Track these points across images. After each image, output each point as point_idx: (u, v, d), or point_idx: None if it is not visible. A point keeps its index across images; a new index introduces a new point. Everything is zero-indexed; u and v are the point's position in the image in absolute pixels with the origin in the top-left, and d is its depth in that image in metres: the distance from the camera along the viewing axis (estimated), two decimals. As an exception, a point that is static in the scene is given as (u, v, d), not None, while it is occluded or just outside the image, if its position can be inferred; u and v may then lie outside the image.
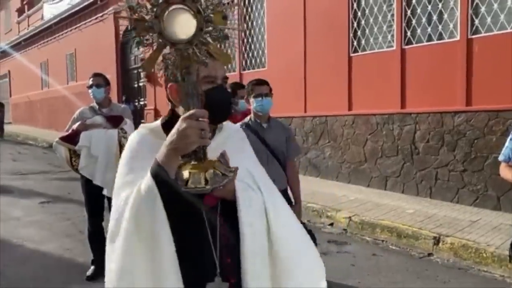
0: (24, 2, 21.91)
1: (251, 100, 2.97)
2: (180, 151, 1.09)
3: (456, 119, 5.73)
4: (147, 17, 1.05)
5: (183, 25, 1.05)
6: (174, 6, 1.04)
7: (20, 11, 22.38)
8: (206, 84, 1.22)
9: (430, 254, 4.36)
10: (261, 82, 3.04)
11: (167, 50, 1.09)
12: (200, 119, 1.07)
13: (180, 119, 1.08)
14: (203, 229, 1.21)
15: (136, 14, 1.06)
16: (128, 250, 1.13)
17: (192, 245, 1.21)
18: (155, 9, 1.04)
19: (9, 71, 24.09)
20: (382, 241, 4.76)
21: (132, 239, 1.13)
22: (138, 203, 1.12)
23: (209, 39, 1.08)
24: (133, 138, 1.31)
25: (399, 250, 4.51)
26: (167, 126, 1.23)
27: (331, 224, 5.36)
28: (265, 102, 2.94)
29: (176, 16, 1.04)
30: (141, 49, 1.09)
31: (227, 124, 1.38)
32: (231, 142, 1.34)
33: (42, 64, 19.71)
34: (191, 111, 1.07)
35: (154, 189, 1.10)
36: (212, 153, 1.18)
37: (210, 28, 1.07)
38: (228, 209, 1.21)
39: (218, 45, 1.13)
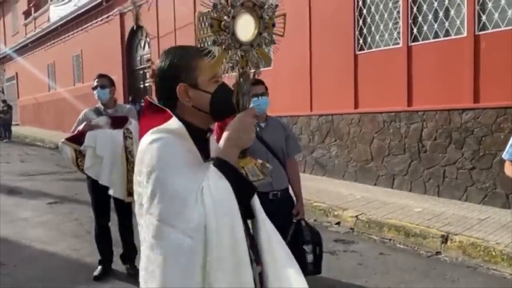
0: (31, 5, 22.07)
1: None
2: (240, 148, 1.15)
3: (464, 116, 5.67)
4: (225, 18, 1.09)
5: (248, 28, 1.13)
6: (244, 10, 1.11)
7: (27, 14, 22.56)
8: (214, 84, 1.24)
9: (438, 253, 4.32)
10: (256, 82, 3.03)
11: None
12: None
13: (241, 116, 1.14)
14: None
15: (217, 14, 1.10)
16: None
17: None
18: (232, 10, 1.09)
19: (16, 73, 24.31)
20: (390, 240, 4.73)
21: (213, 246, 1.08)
22: (215, 207, 1.07)
23: (263, 43, 1.17)
24: (168, 145, 1.14)
25: (407, 249, 4.48)
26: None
27: (338, 223, 5.33)
28: (261, 102, 2.93)
29: (244, 19, 1.12)
30: (217, 48, 1.13)
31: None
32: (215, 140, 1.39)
33: (48, 65, 19.86)
34: (251, 109, 1.15)
35: (229, 188, 1.09)
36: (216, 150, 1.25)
37: (266, 34, 1.16)
38: None
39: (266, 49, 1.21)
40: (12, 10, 25.14)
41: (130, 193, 3.58)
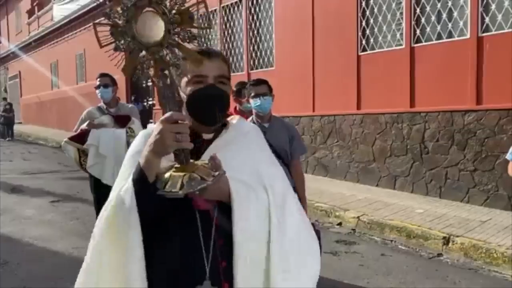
0: (34, 4, 22.14)
1: (251, 100, 2.96)
2: (158, 154, 1.08)
3: (466, 118, 5.67)
4: (120, 22, 1.05)
5: (153, 28, 1.05)
6: (143, 10, 1.04)
7: (30, 13, 22.62)
8: (195, 84, 1.21)
9: (439, 255, 4.32)
10: (258, 82, 3.03)
11: (143, 53, 1.08)
12: (180, 121, 1.05)
13: (159, 122, 1.06)
14: (195, 232, 1.19)
15: (111, 20, 1.06)
16: (97, 250, 1.18)
17: (182, 248, 1.20)
18: (126, 14, 1.04)
19: (19, 72, 24.38)
20: (391, 241, 4.73)
21: (104, 240, 1.16)
22: (116, 203, 1.14)
23: (179, 41, 1.07)
24: (139, 136, 1.32)
25: (408, 250, 4.48)
26: None
27: (340, 224, 5.34)
28: (263, 102, 2.92)
29: (146, 20, 1.05)
30: (121, 54, 1.09)
31: (237, 123, 1.35)
32: (239, 141, 1.30)
33: (52, 64, 19.91)
34: (167, 114, 1.06)
35: (131, 191, 1.11)
36: (222, 152, 1.17)
37: (178, 30, 1.06)
38: (227, 211, 1.17)
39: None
40: (15, 9, 25.22)
41: None
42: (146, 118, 12.36)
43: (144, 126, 1.42)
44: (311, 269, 1.28)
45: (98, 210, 3.73)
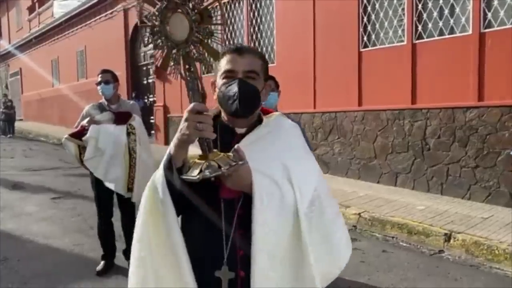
0: (35, 0, 22.10)
1: None
2: (182, 142, 1.16)
3: (468, 114, 5.65)
4: (156, 23, 1.17)
5: (180, 27, 1.17)
6: (173, 11, 1.17)
7: (31, 9, 22.60)
8: (226, 79, 1.29)
9: (441, 251, 4.32)
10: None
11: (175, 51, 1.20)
12: (205, 113, 1.14)
13: (185, 112, 1.14)
14: (216, 221, 1.26)
15: (150, 22, 1.18)
16: (142, 237, 1.26)
17: (205, 233, 1.28)
18: (159, 15, 1.16)
19: (20, 69, 24.37)
20: (392, 237, 4.72)
21: (145, 227, 1.26)
22: (151, 187, 1.24)
23: (201, 37, 1.18)
24: None
25: (410, 247, 4.48)
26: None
27: (341, 221, 5.32)
28: (269, 98, 2.91)
29: (175, 20, 1.17)
30: (159, 51, 1.20)
31: (273, 120, 1.40)
32: (272, 137, 1.35)
33: (52, 61, 19.90)
34: (190, 105, 1.14)
35: (162, 176, 1.21)
36: (250, 146, 1.26)
37: (199, 27, 1.17)
38: (250, 202, 1.22)
39: (210, 42, 1.23)
40: (16, 6, 25.19)
41: (130, 188, 3.59)
42: (147, 115, 12.35)
43: (145, 123, 1.48)
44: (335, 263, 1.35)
45: (98, 206, 3.74)
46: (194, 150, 1.19)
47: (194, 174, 1.13)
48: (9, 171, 8.77)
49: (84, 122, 3.59)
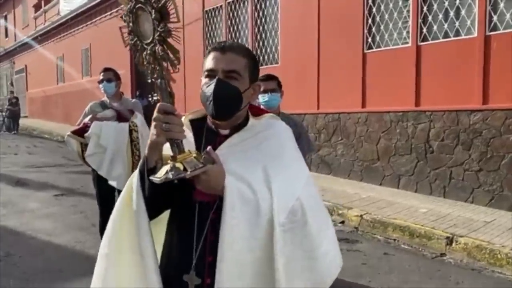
0: (41, -2, 22.21)
1: (259, 96, 2.93)
2: (152, 143, 1.15)
3: (472, 117, 5.62)
4: (130, 24, 1.18)
5: (146, 26, 1.17)
6: (140, 11, 1.17)
7: (37, 7, 22.69)
8: (206, 78, 1.24)
9: (442, 254, 4.30)
10: (268, 78, 3.00)
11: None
12: (171, 112, 1.12)
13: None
14: (190, 223, 1.22)
15: (125, 22, 1.19)
16: (111, 235, 1.25)
17: (177, 235, 1.27)
18: (130, 16, 1.17)
19: (26, 66, 24.48)
20: (394, 240, 4.71)
21: (116, 224, 1.24)
22: (126, 189, 1.23)
23: (164, 36, 1.16)
24: None
25: (411, 250, 4.46)
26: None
27: (342, 222, 5.32)
28: (271, 98, 2.90)
29: (143, 20, 1.17)
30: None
31: (261, 122, 1.31)
32: (257, 140, 1.27)
33: (58, 59, 19.98)
34: (158, 105, 1.13)
35: (137, 175, 1.20)
36: (232, 148, 1.23)
37: (160, 26, 1.15)
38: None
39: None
40: (22, 3, 25.31)
41: None
42: (150, 113, 12.32)
43: (148, 121, 1.47)
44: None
45: (100, 204, 3.75)
46: (167, 151, 1.17)
47: (159, 175, 1.11)
48: (12, 167, 8.82)
49: (87, 119, 3.60)
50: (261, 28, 9.01)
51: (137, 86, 13.74)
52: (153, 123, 1.12)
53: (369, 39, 6.92)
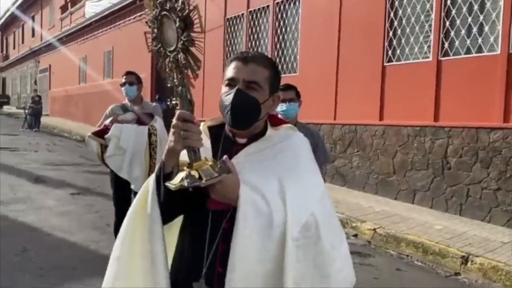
0: (68, 0, 22.78)
1: None
2: (170, 149, 1.16)
3: (492, 135, 5.53)
4: (155, 30, 1.20)
5: (170, 34, 1.18)
6: (165, 18, 1.18)
7: (64, 8, 23.29)
8: (226, 87, 1.25)
9: (457, 274, 4.22)
10: (287, 87, 3.01)
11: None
12: (190, 120, 1.13)
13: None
14: (203, 231, 1.22)
15: (150, 29, 1.21)
16: (124, 237, 1.26)
17: (189, 243, 1.27)
18: (155, 23, 1.19)
19: (50, 65, 25.09)
20: (407, 256, 4.64)
21: (129, 228, 1.25)
22: (142, 193, 1.24)
23: (187, 45, 1.17)
24: None
25: (425, 267, 4.39)
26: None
27: (355, 235, 5.27)
28: (289, 108, 2.90)
29: (167, 27, 1.18)
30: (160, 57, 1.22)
31: (279, 133, 1.32)
32: (274, 150, 1.26)
33: (81, 59, 20.42)
34: (177, 113, 1.15)
35: (153, 180, 1.20)
36: (248, 158, 1.23)
37: (184, 35, 1.16)
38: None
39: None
40: (49, 5, 26.01)
41: None
42: (170, 117, 12.44)
43: (167, 125, 1.49)
44: None
45: (116, 204, 3.81)
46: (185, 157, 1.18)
47: (174, 182, 1.11)
48: (32, 164, 9.02)
49: (107, 121, 3.67)
50: (281, 37, 9.06)
51: (156, 90, 13.93)
52: (171, 130, 1.13)
53: (389, 52, 6.89)
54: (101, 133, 3.65)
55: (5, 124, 18.21)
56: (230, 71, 1.25)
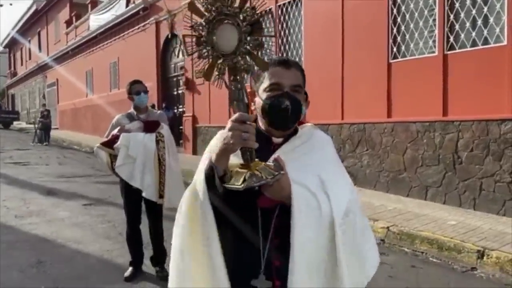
0: (72, 14, 23.08)
1: None
2: (226, 151, 1.17)
3: (502, 127, 5.46)
4: (202, 34, 1.20)
5: (229, 38, 1.18)
6: (222, 22, 1.19)
7: (68, 23, 23.59)
8: (271, 92, 1.32)
9: (473, 268, 4.16)
10: None
11: (220, 61, 1.22)
12: (248, 122, 1.15)
13: (228, 122, 1.17)
14: (255, 228, 1.28)
15: (196, 32, 1.20)
16: (181, 245, 1.28)
17: (242, 241, 1.30)
18: (208, 26, 1.18)
19: (57, 80, 25.40)
20: (422, 252, 4.59)
21: (185, 233, 1.28)
22: (191, 195, 1.26)
23: (249, 49, 1.19)
24: (217, 135, 1.36)
25: (440, 263, 4.34)
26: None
27: (368, 234, 5.22)
28: None
29: (223, 31, 1.18)
30: (204, 61, 1.22)
31: (307, 131, 1.44)
32: (306, 148, 1.37)
33: (87, 72, 20.65)
34: (236, 115, 1.16)
35: (203, 184, 1.21)
36: (286, 156, 1.27)
37: (249, 39, 1.18)
38: (288, 212, 1.23)
39: (259, 53, 1.22)
40: (55, 19, 26.37)
41: (161, 195, 3.66)
42: (176, 124, 12.59)
43: (174, 133, 1.49)
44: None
45: (128, 214, 3.82)
46: (232, 159, 1.21)
47: (238, 183, 1.14)
48: (44, 177, 9.11)
49: (115, 131, 3.70)
50: (284, 39, 9.07)
51: (163, 98, 14.02)
52: (227, 132, 1.14)
53: (394, 49, 6.86)
54: (109, 143, 3.68)
55: (16, 139, 18.45)
56: (273, 77, 1.32)
